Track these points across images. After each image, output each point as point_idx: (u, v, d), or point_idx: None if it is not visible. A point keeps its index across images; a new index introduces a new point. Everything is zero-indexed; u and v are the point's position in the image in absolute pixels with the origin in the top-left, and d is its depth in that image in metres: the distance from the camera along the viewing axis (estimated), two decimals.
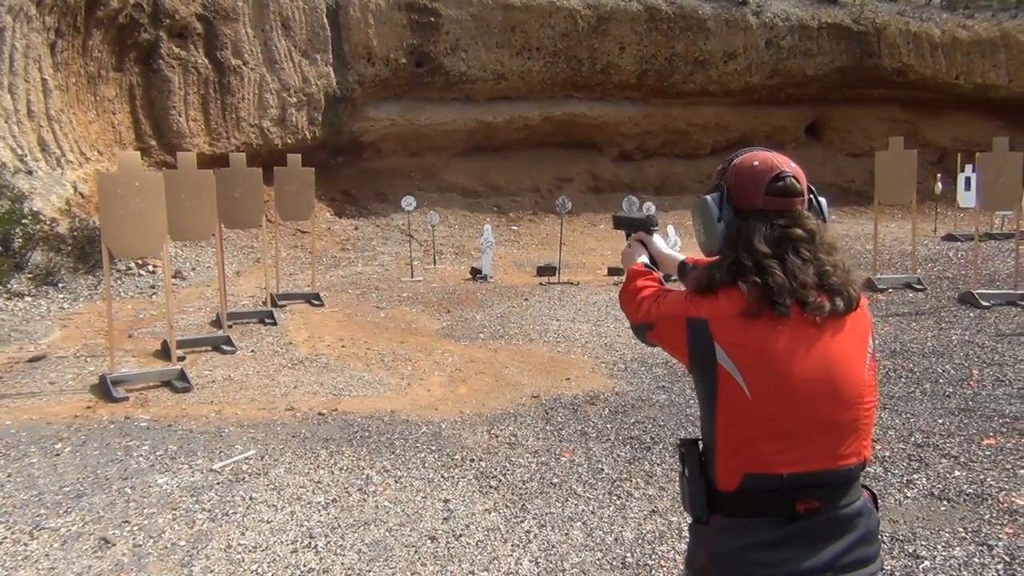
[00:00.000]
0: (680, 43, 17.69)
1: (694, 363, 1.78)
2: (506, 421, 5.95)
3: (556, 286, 11.21)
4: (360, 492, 4.68)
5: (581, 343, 8.21)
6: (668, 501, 4.55)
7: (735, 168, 1.84)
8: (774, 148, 8.60)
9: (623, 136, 18.47)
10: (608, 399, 6.44)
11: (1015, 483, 4.69)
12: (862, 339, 1.78)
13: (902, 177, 10.03)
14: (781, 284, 1.69)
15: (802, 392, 1.69)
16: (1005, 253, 12.70)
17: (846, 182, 19.34)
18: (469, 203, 16.63)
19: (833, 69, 18.54)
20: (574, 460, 5.19)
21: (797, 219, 1.77)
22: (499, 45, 16.74)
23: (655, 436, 5.58)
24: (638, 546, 4.04)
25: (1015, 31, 18.85)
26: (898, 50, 18.51)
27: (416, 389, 6.79)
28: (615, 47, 17.39)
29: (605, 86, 17.71)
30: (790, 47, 18.25)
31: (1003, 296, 9.39)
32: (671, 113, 18.45)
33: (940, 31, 18.66)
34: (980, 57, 18.78)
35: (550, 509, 4.46)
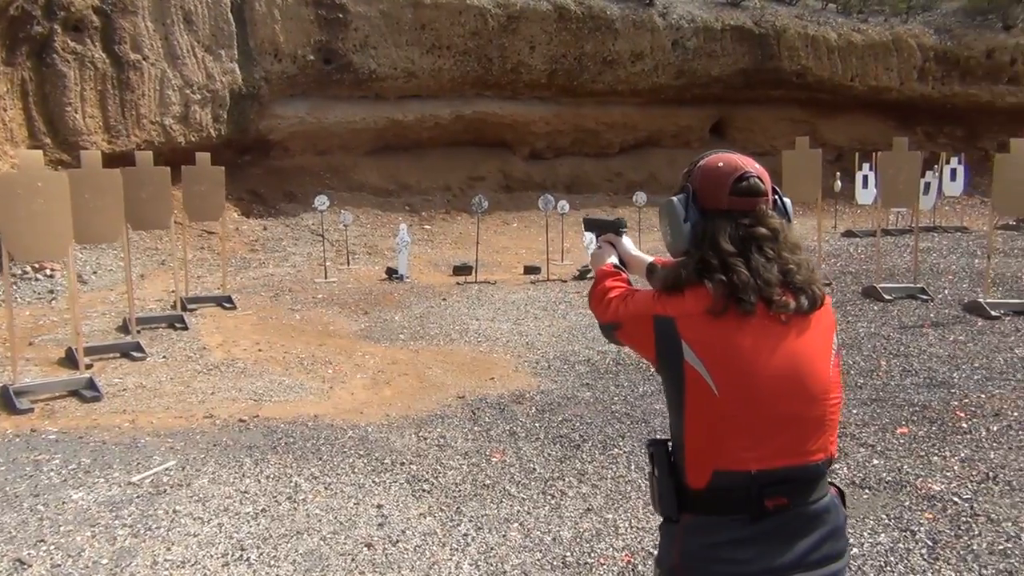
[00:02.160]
0: (589, 43, 17.85)
1: (661, 361, 1.79)
2: (433, 423, 5.89)
3: (473, 285, 11.17)
4: (290, 500, 4.55)
5: (503, 342, 8.20)
6: (602, 499, 4.57)
7: (700, 170, 1.86)
8: (680, 147, 8.89)
9: (534, 135, 18.54)
10: (534, 398, 6.44)
11: (930, 470, 4.88)
12: (826, 336, 1.81)
13: (807, 175, 10.36)
14: (746, 282, 1.71)
15: (768, 389, 1.71)
16: (902, 248, 13.27)
17: None
18: (380, 202, 16.43)
19: (736, 70, 19.00)
20: (505, 460, 5.17)
21: (761, 218, 1.80)
22: (409, 43, 16.58)
23: (583, 434, 5.60)
24: (576, 545, 4.04)
25: (906, 35, 19.69)
26: (797, 53, 19.10)
27: (339, 392, 6.66)
28: (525, 46, 17.43)
29: (516, 85, 17.75)
30: (695, 48, 18.63)
31: (904, 290, 9.80)
32: (581, 112, 18.60)
33: (836, 35, 19.35)
34: (873, 60, 19.55)
35: (486, 511, 4.43)
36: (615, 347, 7.77)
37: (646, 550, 3.97)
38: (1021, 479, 4.70)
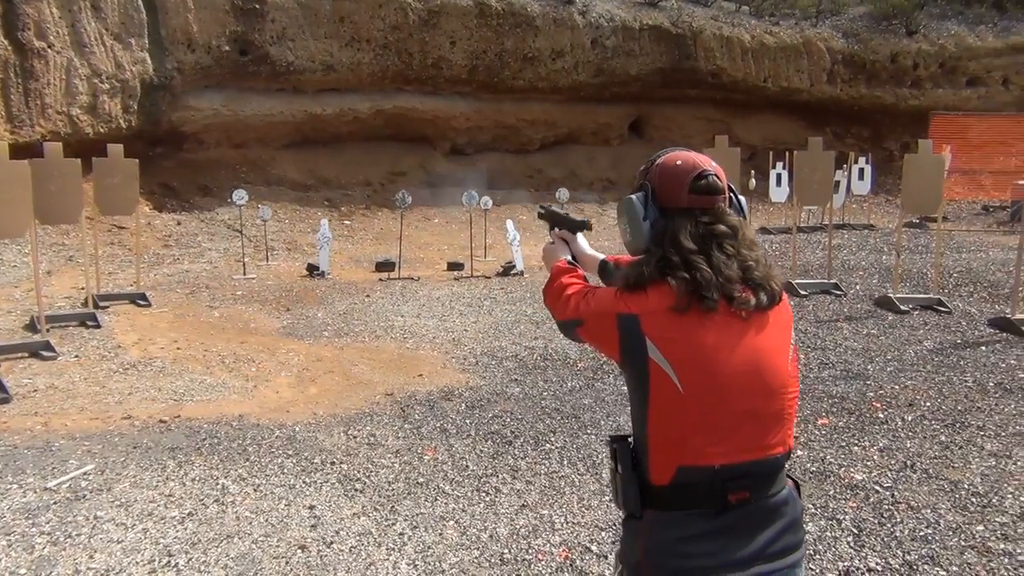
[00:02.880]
0: (510, 40, 17.85)
1: (625, 359, 1.79)
2: (362, 421, 5.80)
3: (397, 282, 11.07)
4: (217, 503, 4.42)
5: (429, 339, 8.14)
6: (536, 495, 4.57)
7: (659, 168, 1.87)
8: (600, 145, 9.01)
9: (455, 131, 18.46)
10: (463, 394, 6.41)
11: (851, 459, 5.03)
12: (785, 332, 1.84)
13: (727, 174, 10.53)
14: (708, 279, 1.73)
15: (731, 384, 1.73)
16: (814, 245, 13.67)
17: None
18: (299, 197, 16.13)
19: (654, 69, 19.25)
20: (438, 458, 5.13)
21: (720, 216, 1.82)
22: (328, 35, 16.30)
23: (515, 430, 5.60)
24: (513, 541, 4.04)
25: (815, 39, 20.26)
26: (713, 53, 19.46)
27: (263, 391, 6.51)
28: (446, 41, 17.33)
29: (436, 80, 17.63)
30: (614, 47, 18.80)
31: (818, 285, 10.10)
32: (502, 108, 18.60)
33: (750, 36, 19.78)
34: (785, 62, 20.06)
35: (420, 509, 4.39)
36: (542, 343, 7.82)
37: (583, 545, 3.99)
38: (936, 467, 4.89)
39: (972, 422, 5.62)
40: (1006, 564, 3.73)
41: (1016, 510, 4.28)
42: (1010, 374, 6.76)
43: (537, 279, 11.30)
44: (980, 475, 4.74)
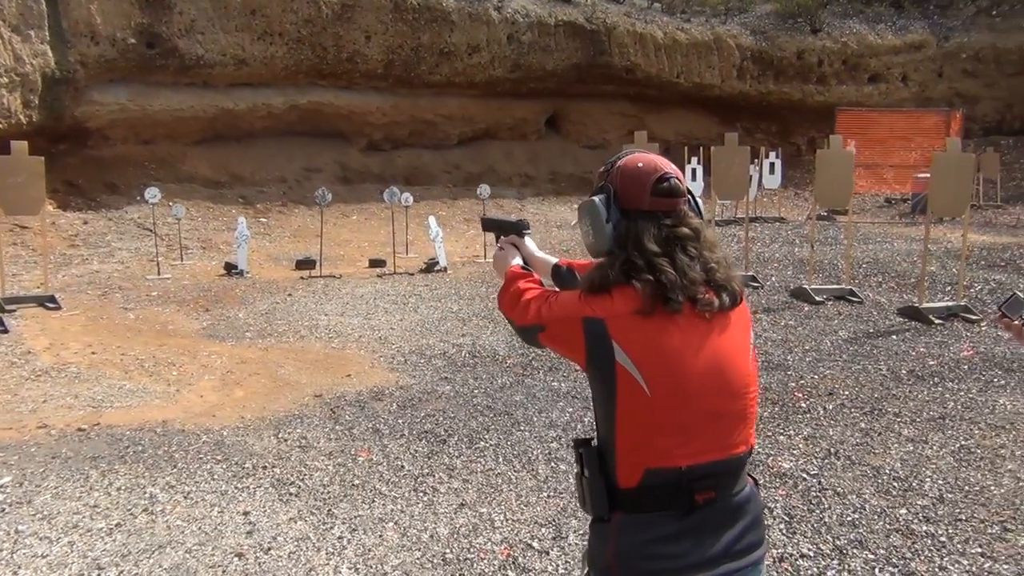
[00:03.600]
0: (426, 34, 17.76)
1: (592, 363, 1.78)
2: (292, 423, 5.70)
3: (319, 280, 10.90)
4: (146, 513, 4.29)
5: (355, 338, 8.04)
6: (474, 493, 4.56)
7: (620, 170, 1.87)
8: (517, 140, 9.10)
9: (371, 126, 18.28)
10: (394, 394, 6.36)
11: (778, 448, 5.17)
12: (745, 332, 1.87)
13: None
14: (673, 281, 1.74)
15: (697, 386, 1.75)
16: (729, 238, 13.98)
17: (585, 173, 20.37)
18: (212, 194, 15.74)
19: (570, 65, 19.42)
20: (372, 459, 5.07)
21: (683, 219, 1.84)
22: (239, 28, 15.95)
23: (448, 429, 5.58)
24: (455, 541, 4.02)
25: (725, 36, 20.74)
26: (627, 49, 19.73)
27: (187, 395, 6.33)
28: (361, 36, 17.14)
29: (352, 75, 17.43)
30: (530, 43, 18.89)
31: None
32: (418, 104, 18.50)
33: (662, 33, 20.13)
34: (697, 58, 20.48)
35: (358, 512, 4.33)
36: (470, 340, 7.82)
37: (524, 542, 4.00)
38: (859, 453, 5.07)
39: (889, 409, 5.85)
40: (929, 546, 3.89)
41: (935, 493, 4.47)
42: (921, 362, 7.05)
43: (460, 274, 11.29)
44: (900, 460, 4.94)
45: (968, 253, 10.17)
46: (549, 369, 6.93)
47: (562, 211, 18.14)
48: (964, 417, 5.65)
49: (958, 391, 6.22)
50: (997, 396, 6.08)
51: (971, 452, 5.04)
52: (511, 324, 2.01)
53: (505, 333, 8.13)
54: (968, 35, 21.69)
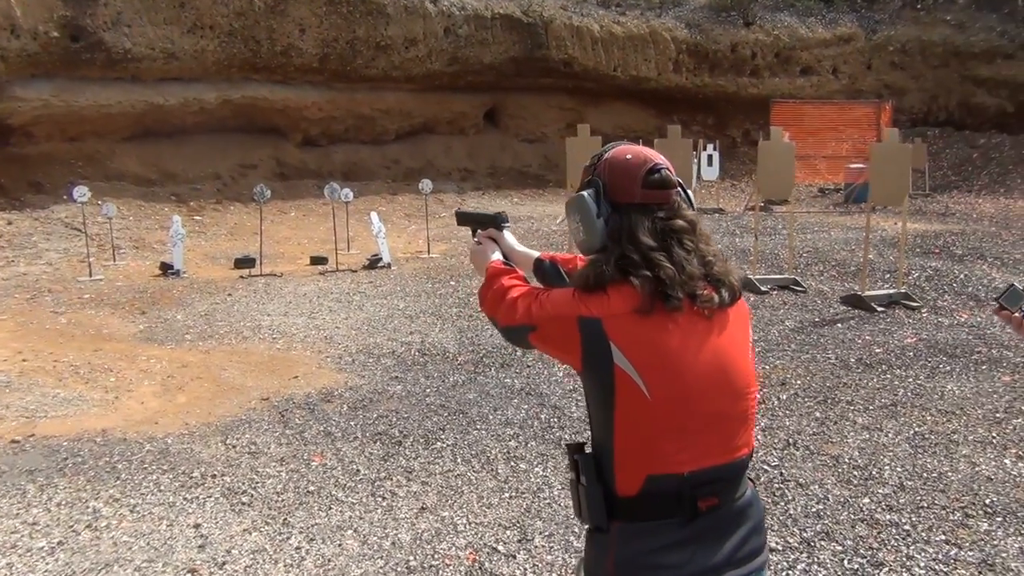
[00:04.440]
0: (361, 28, 17.48)
1: (588, 365, 1.69)
2: (240, 429, 5.51)
3: (259, 279, 10.62)
4: (90, 529, 4.07)
5: (300, 338, 7.83)
6: (434, 496, 4.45)
7: (608, 163, 1.79)
8: (456, 134, 9.00)
9: (307, 121, 17.93)
10: (343, 395, 6.20)
11: None
12: (744, 329, 1.80)
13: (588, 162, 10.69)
14: (672, 277, 1.66)
15: (698, 387, 1.67)
16: None
17: (524, 166, 20.36)
18: (143, 192, 15.26)
19: (507, 58, 19.31)
20: (326, 464, 4.92)
21: (677, 211, 1.76)
22: (167, 21, 15.48)
23: (403, 430, 5.45)
24: (418, 547, 3.91)
25: (661, 29, 20.84)
26: (564, 43, 19.70)
27: (127, 403, 6.07)
28: (295, 29, 16.79)
29: (286, 69, 17.06)
30: (467, 36, 18.73)
31: None
32: (355, 98, 18.19)
33: (599, 26, 20.14)
34: (633, 52, 20.55)
35: (315, 520, 4.18)
36: (418, 337, 7.68)
37: (489, 546, 3.90)
38: (816, 443, 5.09)
39: (841, 398, 5.89)
40: (895, 535, 3.90)
41: (895, 481, 4.50)
42: (867, 350, 7.13)
43: (405, 270, 11.13)
44: (857, 448, 4.96)
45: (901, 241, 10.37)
46: (501, 366, 6.84)
47: (503, 205, 18.05)
48: (915, 404, 5.72)
49: (906, 378, 6.31)
50: (944, 382, 6.18)
51: (925, 438, 5.09)
52: (495, 324, 1.91)
53: (454, 330, 8.02)
54: (895, 28, 22.17)
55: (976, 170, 19.69)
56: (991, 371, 6.37)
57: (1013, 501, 4.22)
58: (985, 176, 19.23)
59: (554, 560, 3.76)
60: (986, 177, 19.27)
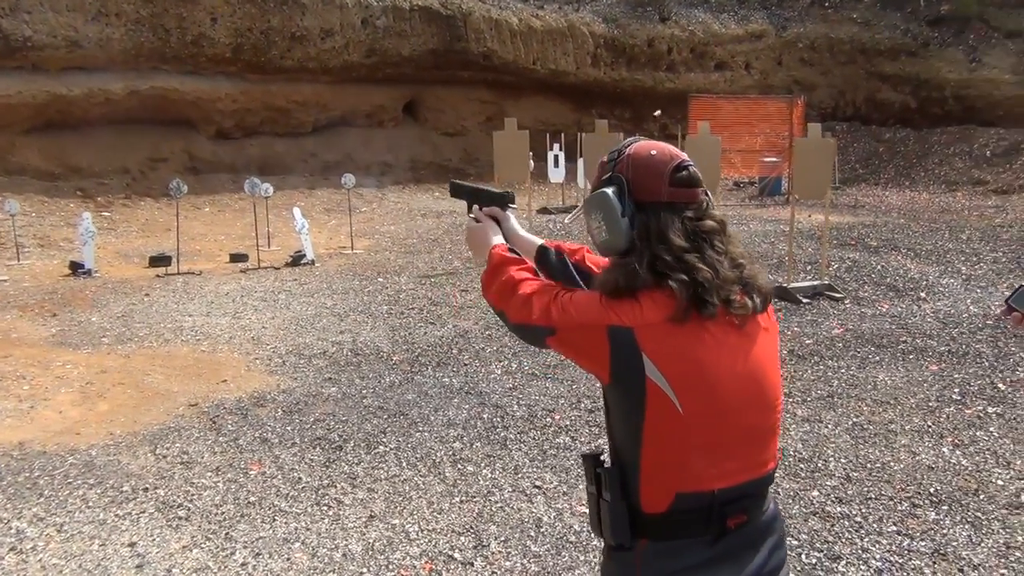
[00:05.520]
0: (276, 17, 17.02)
1: (617, 377, 1.59)
2: (169, 437, 5.24)
3: (177, 277, 10.21)
4: (15, 552, 3.80)
5: (225, 339, 7.55)
6: (382, 503, 4.31)
7: (631, 159, 1.67)
8: (374, 127, 8.87)
9: (220, 113, 17.37)
10: (277, 399, 5.98)
11: None
12: (773, 339, 1.72)
13: (517, 155, 10.64)
14: (710, 280, 1.57)
15: (732, 401, 1.59)
16: None
17: (444, 160, 20.18)
18: (47, 187, 14.54)
19: (426, 51, 19.09)
20: (265, 472, 4.72)
21: (705, 210, 1.66)
22: (70, 8, 14.77)
23: (342, 434, 5.28)
24: (370, 558, 3.76)
25: (578, 23, 20.93)
26: (483, 35, 19.58)
27: (43, 413, 5.72)
28: (206, 18, 16.25)
29: (198, 59, 16.50)
30: (385, 27, 18.44)
31: None
32: (270, 90, 17.71)
33: (517, 19, 20.10)
34: (552, 45, 20.57)
35: (259, 533, 4.00)
36: (349, 336, 7.49)
37: (445, 554, 3.79)
38: None
39: None
40: (847, 527, 3.94)
41: (841, 472, 4.55)
42: (798, 341, 7.25)
43: (330, 267, 10.87)
44: (800, 440, 5.01)
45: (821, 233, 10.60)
46: (438, 364, 6.71)
47: (425, 199, 17.89)
48: (851, 394, 5.82)
49: (839, 368, 6.42)
50: (876, 372, 6.31)
51: (864, 429, 5.18)
52: (501, 317, 1.78)
53: (386, 328, 7.85)
54: (804, 26, 22.75)
55: (883, 163, 20.40)
56: (919, 360, 6.54)
57: (956, 489, 4.32)
58: (891, 169, 19.94)
59: (513, 566, 3.67)
60: (892, 170, 19.99)
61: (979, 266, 10.18)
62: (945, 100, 21.00)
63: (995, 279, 9.43)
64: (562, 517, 4.13)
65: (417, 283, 9.82)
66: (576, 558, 3.74)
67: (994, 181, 17.96)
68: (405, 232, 13.93)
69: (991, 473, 4.53)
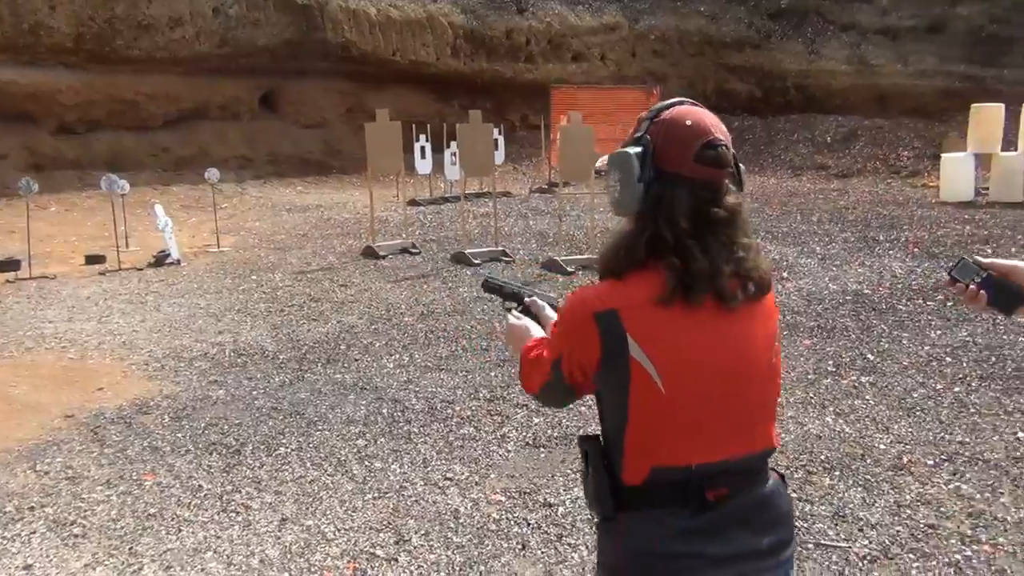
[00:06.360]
0: (120, 5, 16.19)
1: (606, 361, 1.61)
2: (48, 452, 4.91)
3: (30, 282, 9.53)
4: None
5: (94, 345, 7.13)
6: (293, 505, 4.19)
7: (664, 124, 1.64)
8: (229, 120, 8.71)
9: (62, 106, 16.38)
10: (161, 404, 5.70)
11: (584, 420, 5.24)
12: (769, 324, 1.74)
13: (390, 147, 10.52)
14: (703, 271, 1.58)
15: (715, 383, 1.62)
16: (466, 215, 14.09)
17: (305, 153, 19.72)
18: None
19: (282, 41, 18.58)
20: (161, 482, 4.50)
21: (723, 194, 1.64)
22: None
23: (238, 437, 5.09)
24: (290, 562, 3.66)
25: (437, 14, 20.84)
26: (341, 26, 19.22)
27: None
28: (44, 5, 15.29)
29: (35, 49, 15.51)
30: (238, 16, 17.84)
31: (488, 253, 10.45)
32: (116, 81, 16.81)
33: (376, 10, 19.83)
34: (412, 36, 20.41)
35: (166, 545, 3.81)
36: (229, 336, 7.29)
37: (367, 552, 3.72)
38: None
39: None
40: None
41: None
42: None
43: (198, 266, 10.43)
44: None
45: None
46: (327, 361, 6.57)
47: (288, 194, 17.43)
48: None
49: None
50: None
51: None
52: (537, 397, 1.85)
53: (267, 327, 7.62)
54: (655, 18, 23.46)
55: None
56: (792, 336, 6.88)
57: (845, 455, 4.59)
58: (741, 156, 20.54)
59: (438, 559, 3.65)
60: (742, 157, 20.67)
61: (831, 246, 10.80)
62: (787, 90, 22.16)
63: (848, 257, 10.02)
64: (479, 507, 4.13)
65: (294, 280, 9.57)
66: (499, 546, 3.75)
67: (835, 166, 19.11)
68: (272, 228, 13.53)
69: (873, 439, 4.83)
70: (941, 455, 4.61)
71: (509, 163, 20.50)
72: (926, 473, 4.36)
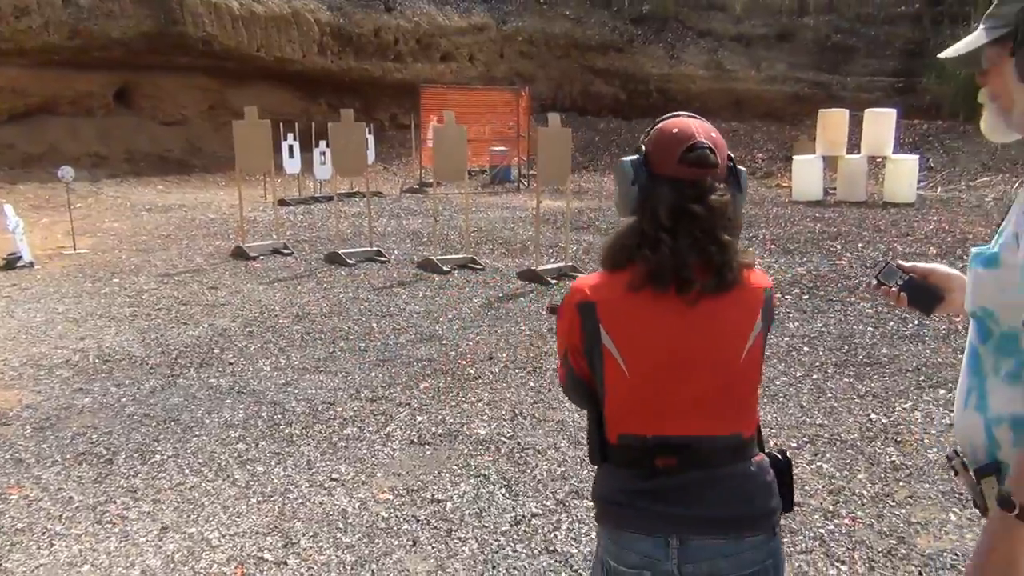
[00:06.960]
0: None
1: (585, 345, 1.81)
2: None
3: None
4: None
5: None
6: (173, 514, 4.07)
7: (656, 132, 1.84)
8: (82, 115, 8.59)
9: None
10: (22, 415, 5.40)
11: (467, 416, 5.32)
12: (745, 317, 1.81)
13: (259, 146, 10.29)
14: (664, 264, 1.72)
15: (676, 366, 1.75)
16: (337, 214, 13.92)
17: (165, 151, 19.00)
18: None
19: (139, 34, 17.85)
20: (28, 496, 4.28)
21: (705, 191, 1.75)
22: None
23: (109, 446, 4.89)
24: (174, 570, 3.55)
25: (303, 10, 20.47)
26: (202, 20, 18.62)
27: None
28: None
29: None
30: (91, 7, 17.02)
31: (363, 253, 10.37)
32: None
33: (239, 4, 19.30)
34: (277, 32, 19.96)
35: (38, 560, 3.63)
36: (93, 342, 7.01)
37: (254, 556, 3.66)
38: (540, 410, 5.40)
39: (547, 366, 6.29)
40: None
41: None
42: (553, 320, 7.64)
43: (53, 269, 9.90)
44: (576, 412, 5.33)
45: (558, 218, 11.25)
46: (201, 365, 6.38)
47: (147, 194, 16.73)
48: None
49: None
50: None
51: None
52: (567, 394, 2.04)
53: (133, 331, 7.34)
54: (522, 20, 23.81)
55: (600, 152, 21.88)
56: None
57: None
58: (607, 157, 21.44)
59: (328, 560, 3.63)
60: (608, 158, 21.50)
61: None
62: (650, 93, 22.91)
63: None
64: (367, 506, 4.13)
65: (159, 282, 9.22)
66: (390, 543, 3.76)
67: None
68: (132, 229, 12.97)
69: None
70: (803, 437, 4.92)
71: (379, 163, 20.38)
72: (791, 455, 4.61)
